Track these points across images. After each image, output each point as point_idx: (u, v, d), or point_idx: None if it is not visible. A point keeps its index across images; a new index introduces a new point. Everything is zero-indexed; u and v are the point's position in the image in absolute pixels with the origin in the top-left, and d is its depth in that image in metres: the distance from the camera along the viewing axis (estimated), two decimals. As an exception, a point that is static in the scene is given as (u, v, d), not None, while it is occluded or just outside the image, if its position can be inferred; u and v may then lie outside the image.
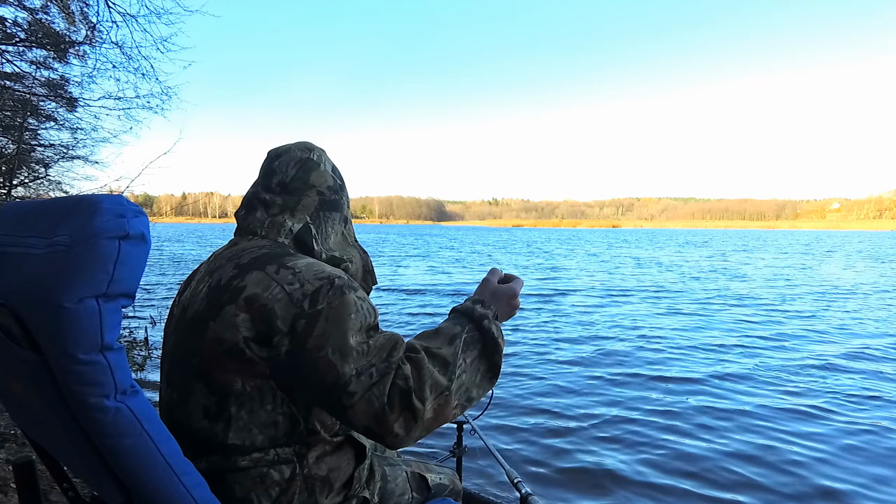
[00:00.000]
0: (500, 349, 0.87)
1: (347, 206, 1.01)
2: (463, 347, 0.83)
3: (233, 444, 0.77)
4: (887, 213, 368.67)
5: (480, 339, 0.85)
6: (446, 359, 0.81)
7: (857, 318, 8.35)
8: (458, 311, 0.91)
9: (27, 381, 0.62)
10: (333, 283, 0.77)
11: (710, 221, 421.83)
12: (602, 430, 3.52)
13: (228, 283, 0.78)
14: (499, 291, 0.94)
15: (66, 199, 0.62)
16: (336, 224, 0.97)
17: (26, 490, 0.75)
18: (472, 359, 0.83)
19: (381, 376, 0.74)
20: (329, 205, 0.95)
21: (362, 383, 0.73)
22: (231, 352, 0.75)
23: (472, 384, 0.82)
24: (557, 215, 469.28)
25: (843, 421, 3.72)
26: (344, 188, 1.00)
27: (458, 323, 0.87)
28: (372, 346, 0.76)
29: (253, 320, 0.75)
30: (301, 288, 0.76)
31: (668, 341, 6.41)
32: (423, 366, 0.78)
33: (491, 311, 0.88)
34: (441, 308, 8.88)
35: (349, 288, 0.79)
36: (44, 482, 1.84)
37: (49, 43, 4.49)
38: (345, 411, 0.74)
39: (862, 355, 5.75)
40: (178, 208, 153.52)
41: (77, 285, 0.54)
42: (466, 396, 0.82)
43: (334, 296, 0.76)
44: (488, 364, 0.85)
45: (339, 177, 1.00)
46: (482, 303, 0.90)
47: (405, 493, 1.04)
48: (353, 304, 0.77)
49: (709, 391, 4.40)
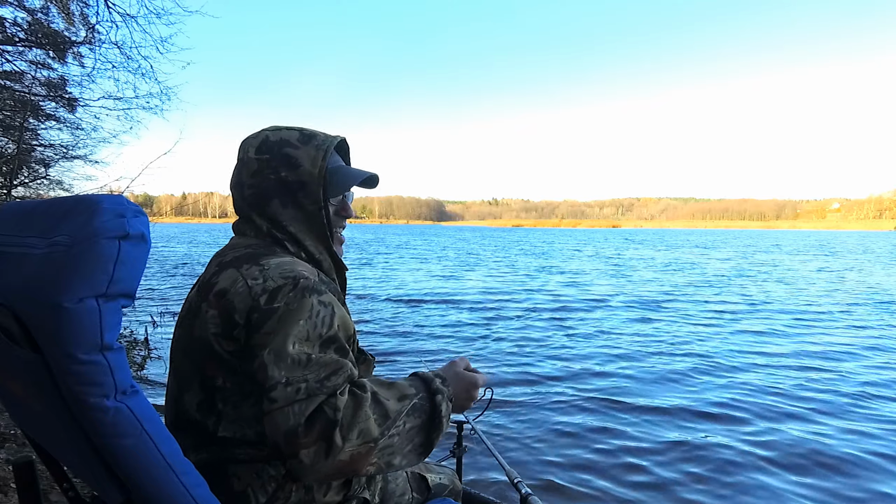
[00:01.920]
0: (441, 430, 0.83)
1: (295, 172, 0.88)
2: (409, 411, 0.79)
3: (223, 436, 0.78)
4: (887, 213, 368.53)
5: (429, 411, 0.82)
6: (388, 412, 0.76)
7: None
8: (417, 376, 0.87)
9: (27, 381, 0.62)
10: (297, 284, 0.76)
11: (710, 221, 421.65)
12: (602, 430, 3.52)
13: (208, 281, 0.80)
14: (461, 378, 0.92)
15: (66, 198, 0.62)
16: (287, 208, 0.89)
17: (26, 490, 0.75)
18: (411, 426, 0.79)
19: (308, 395, 0.70)
20: (270, 192, 0.88)
21: (287, 394, 0.70)
22: (206, 348, 0.77)
23: (399, 450, 0.77)
24: (557, 215, 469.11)
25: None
26: (273, 159, 0.88)
27: (413, 385, 0.84)
28: (313, 361, 0.72)
29: (220, 316, 0.76)
30: (263, 283, 0.76)
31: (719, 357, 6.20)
32: (362, 406, 0.73)
33: (448, 390, 0.86)
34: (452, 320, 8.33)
35: (312, 291, 0.76)
36: (44, 482, 1.84)
37: (49, 43, 4.49)
38: (263, 416, 0.71)
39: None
40: (178, 208, 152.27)
41: (77, 285, 0.54)
42: (387, 460, 0.76)
43: (294, 297, 0.74)
44: (424, 439, 0.81)
45: (265, 151, 0.88)
46: (443, 380, 0.87)
47: (405, 493, 1.04)
48: (307, 309, 0.74)
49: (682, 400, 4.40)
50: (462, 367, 0.95)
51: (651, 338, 6.66)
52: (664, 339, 6.60)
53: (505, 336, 6.69)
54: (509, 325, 7.52)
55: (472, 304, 9.38)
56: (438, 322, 7.67)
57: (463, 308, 9.03)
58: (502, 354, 5.72)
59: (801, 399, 4.21)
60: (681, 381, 4.69)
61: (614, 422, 3.67)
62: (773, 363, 5.38)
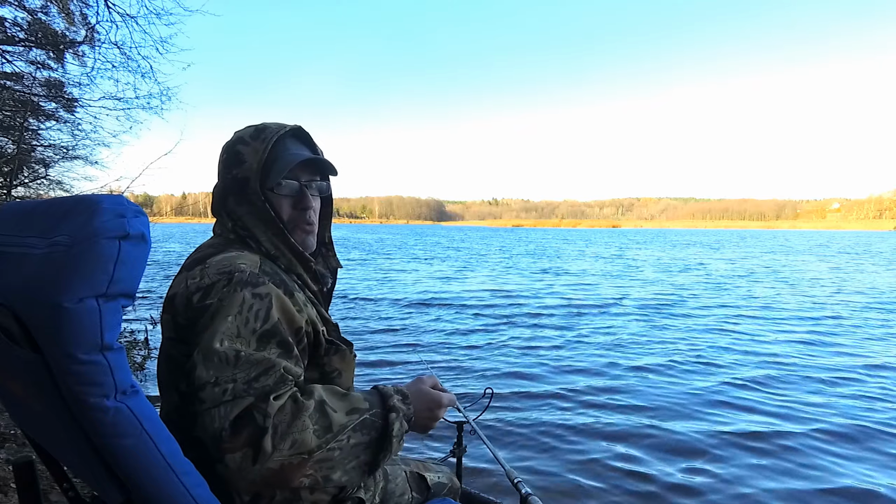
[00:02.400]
0: (390, 451, 0.79)
1: (241, 168, 0.87)
2: (356, 426, 0.75)
3: (198, 437, 0.77)
4: (887, 213, 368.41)
5: (379, 429, 0.78)
6: (332, 425, 0.72)
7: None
8: (377, 390, 0.84)
9: (27, 381, 0.62)
10: (231, 279, 0.74)
11: (710, 221, 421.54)
12: (604, 432, 3.51)
13: (170, 287, 0.82)
14: (425, 396, 0.88)
15: (66, 199, 0.62)
16: (241, 205, 0.88)
17: (26, 490, 0.75)
18: (357, 442, 0.75)
19: (233, 397, 0.67)
20: (226, 191, 0.89)
21: (214, 396, 0.67)
22: (168, 354, 0.78)
23: (339, 465, 0.73)
24: (557, 215, 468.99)
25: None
26: (228, 159, 0.89)
27: (368, 399, 0.80)
28: (243, 359, 0.69)
29: (171, 320, 0.77)
30: (199, 282, 0.75)
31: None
32: (300, 415, 0.70)
33: (407, 410, 0.82)
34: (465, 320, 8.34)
35: (245, 284, 0.73)
36: (44, 482, 1.84)
37: (49, 43, 4.49)
38: (196, 417, 0.70)
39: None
40: (178, 208, 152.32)
41: (77, 285, 0.54)
42: (325, 474, 0.72)
43: (227, 292, 0.72)
44: (370, 457, 0.77)
45: (226, 151, 0.90)
46: (404, 397, 0.83)
47: (405, 493, 1.04)
48: (238, 303, 0.71)
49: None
50: (429, 384, 0.92)
51: (658, 342, 6.66)
52: (671, 343, 6.60)
53: (510, 336, 6.69)
54: (515, 326, 7.52)
55: (479, 307, 9.27)
56: (445, 324, 7.60)
57: (468, 310, 8.98)
58: (503, 353, 5.72)
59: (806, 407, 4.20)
60: (691, 385, 4.69)
61: (616, 423, 3.67)
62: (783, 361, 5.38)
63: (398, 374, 4.90)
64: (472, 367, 5.18)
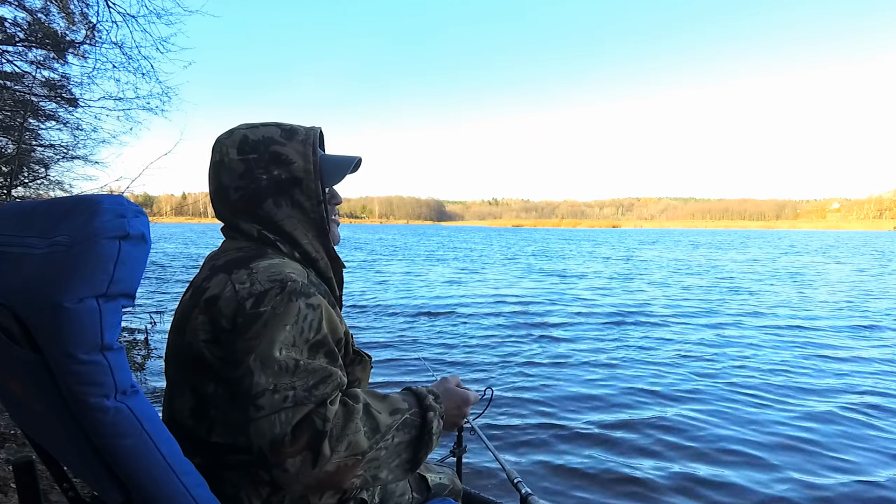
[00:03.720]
0: (430, 447, 0.83)
1: (287, 169, 0.86)
2: (399, 426, 0.79)
3: (216, 442, 0.78)
4: (887, 213, 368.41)
5: (419, 427, 0.82)
6: (379, 426, 0.76)
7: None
8: (410, 391, 0.88)
9: (27, 381, 0.62)
10: (284, 287, 0.74)
11: (710, 221, 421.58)
12: (603, 432, 3.51)
13: (199, 286, 0.79)
14: (453, 394, 0.93)
15: (66, 199, 0.62)
16: (281, 207, 0.87)
17: (26, 490, 0.75)
18: (400, 441, 0.79)
19: (295, 404, 0.70)
20: (259, 194, 0.85)
21: (274, 402, 0.69)
22: (196, 355, 0.76)
23: (385, 464, 0.78)
24: (557, 215, 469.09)
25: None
26: (260, 159, 0.85)
27: (406, 400, 0.84)
28: (301, 367, 0.72)
29: (210, 322, 0.75)
30: (250, 287, 0.74)
31: None
32: (353, 418, 0.73)
33: (440, 407, 0.87)
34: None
35: (299, 294, 0.75)
36: (44, 482, 1.84)
37: (49, 43, 4.49)
38: (248, 424, 0.70)
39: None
40: (178, 208, 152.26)
41: (77, 285, 0.54)
42: (374, 473, 0.76)
43: (280, 301, 0.73)
44: (412, 455, 0.81)
45: (250, 151, 0.85)
46: (435, 397, 0.87)
47: (405, 493, 1.04)
48: (294, 313, 0.73)
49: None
50: (454, 383, 0.96)
51: (660, 348, 6.65)
52: (677, 348, 6.59)
53: (510, 336, 6.69)
54: (519, 328, 7.52)
55: (493, 314, 9.09)
56: (461, 329, 7.27)
57: (483, 318, 8.90)
58: (505, 352, 5.72)
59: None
60: (689, 391, 4.69)
61: (618, 423, 3.67)
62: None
63: (399, 373, 4.89)
64: (471, 364, 5.18)
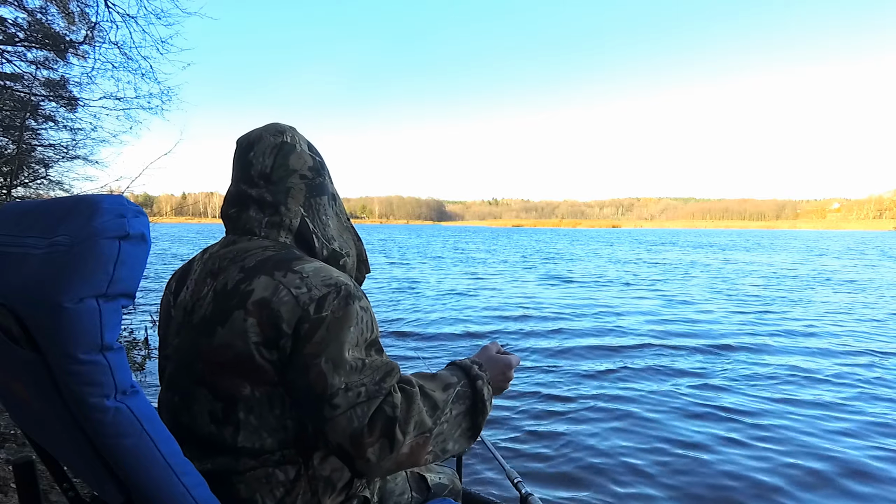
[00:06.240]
0: (486, 413, 0.89)
1: (331, 182, 0.98)
2: (454, 399, 0.85)
3: (243, 447, 0.77)
4: (887, 213, 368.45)
5: (472, 396, 0.88)
6: (437, 403, 0.82)
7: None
8: (456, 365, 0.94)
9: (27, 381, 0.62)
10: (340, 291, 0.77)
11: (710, 221, 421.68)
12: (603, 431, 3.52)
13: (236, 288, 0.77)
14: (496, 361, 0.98)
15: (66, 199, 0.62)
16: (328, 208, 0.95)
17: (26, 490, 0.75)
18: (458, 412, 0.85)
19: (368, 398, 0.74)
20: (316, 189, 0.92)
21: (349, 399, 0.73)
22: (240, 357, 0.75)
23: (450, 436, 0.84)
24: (557, 215, 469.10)
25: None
26: (324, 164, 0.96)
27: (454, 374, 0.90)
28: (367, 365, 0.76)
29: (261, 325, 0.74)
30: (308, 293, 0.75)
31: None
32: (414, 400, 0.79)
33: (486, 374, 0.92)
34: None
35: (354, 297, 0.79)
36: (44, 482, 1.84)
37: (49, 43, 4.49)
38: (324, 423, 0.74)
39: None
40: (178, 208, 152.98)
41: (77, 285, 0.54)
42: (442, 447, 0.83)
43: (339, 305, 0.76)
44: (471, 423, 0.87)
45: (316, 153, 0.96)
46: (479, 366, 0.93)
47: (405, 493, 1.04)
48: (355, 315, 0.77)
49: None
50: (494, 350, 1.01)
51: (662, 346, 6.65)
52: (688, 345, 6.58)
53: (512, 337, 6.69)
54: (521, 328, 7.52)
55: (493, 315, 9.30)
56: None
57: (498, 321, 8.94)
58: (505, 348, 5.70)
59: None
60: (689, 386, 4.69)
61: (618, 424, 3.67)
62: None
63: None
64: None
